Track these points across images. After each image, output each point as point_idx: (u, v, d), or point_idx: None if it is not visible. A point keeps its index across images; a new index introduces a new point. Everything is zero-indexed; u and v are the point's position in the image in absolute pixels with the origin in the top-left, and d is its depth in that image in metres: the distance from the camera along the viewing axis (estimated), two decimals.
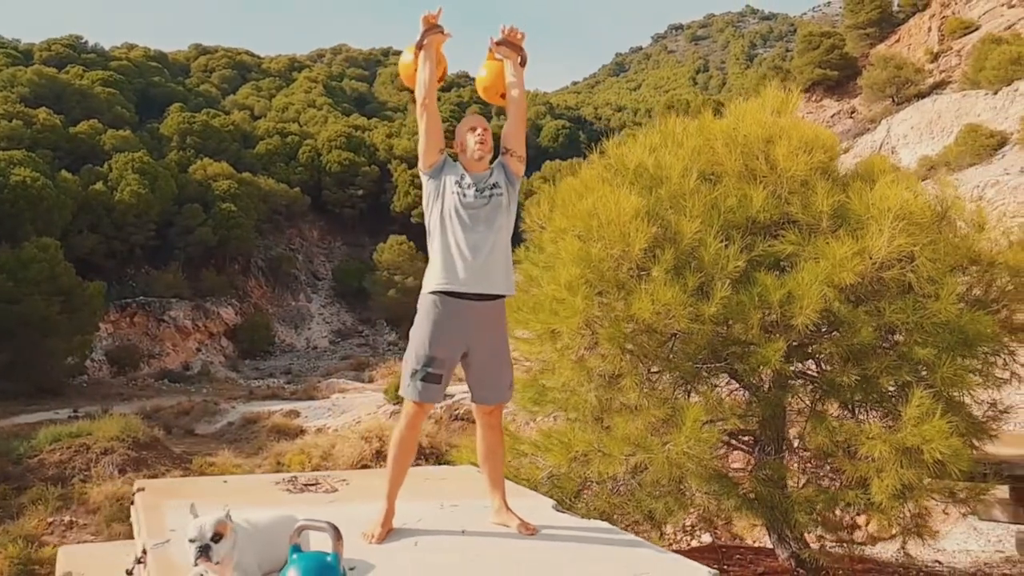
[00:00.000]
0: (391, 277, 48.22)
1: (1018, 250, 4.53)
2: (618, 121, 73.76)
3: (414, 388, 3.27)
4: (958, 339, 4.15)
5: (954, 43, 35.58)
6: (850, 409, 4.64)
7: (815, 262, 4.11)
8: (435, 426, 27.21)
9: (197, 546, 2.55)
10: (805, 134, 4.65)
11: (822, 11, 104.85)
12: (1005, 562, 6.23)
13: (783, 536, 4.87)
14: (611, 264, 4.26)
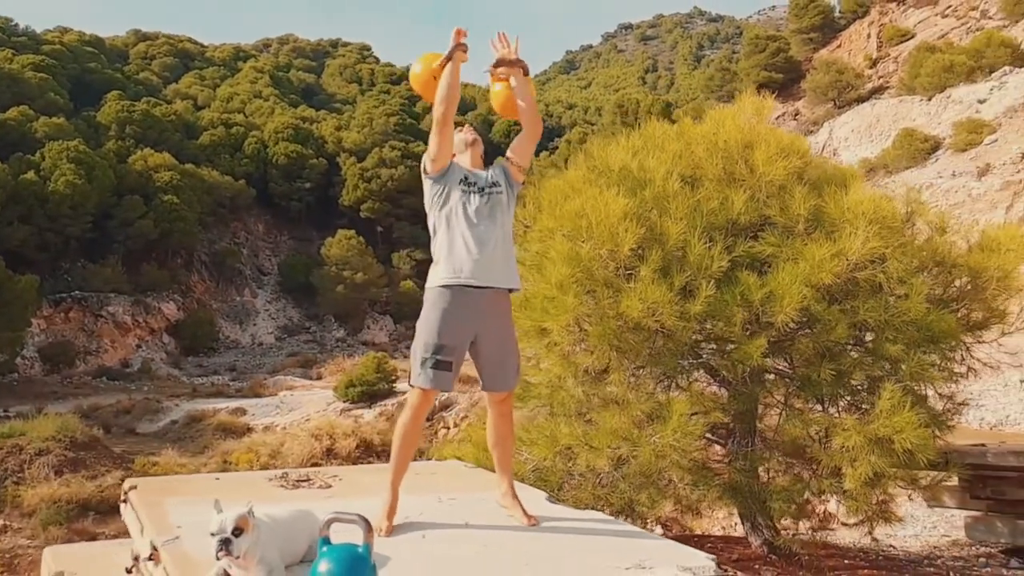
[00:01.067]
0: (339, 272, 47.71)
1: (977, 253, 4.84)
2: (569, 119, 74.22)
3: (425, 376, 3.34)
4: (924, 336, 4.43)
5: (891, 50, 36.91)
6: (821, 403, 4.89)
7: (794, 263, 4.32)
8: (387, 423, 27.12)
9: (219, 540, 2.60)
10: (782, 140, 4.88)
11: (767, 14, 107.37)
12: (953, 545, 6.62)
13: (756, 524, 5.10)
14: (600, 264, 4.41)
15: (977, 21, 35.43)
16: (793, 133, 5.20)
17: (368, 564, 2.55)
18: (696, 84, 65.88)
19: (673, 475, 4.66)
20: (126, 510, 3.81)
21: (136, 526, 3.52)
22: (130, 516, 3.69)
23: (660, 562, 3.04)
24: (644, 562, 3.04)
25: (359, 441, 24.62)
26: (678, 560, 3.08)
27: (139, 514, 3.51)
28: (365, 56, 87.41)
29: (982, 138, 27.05)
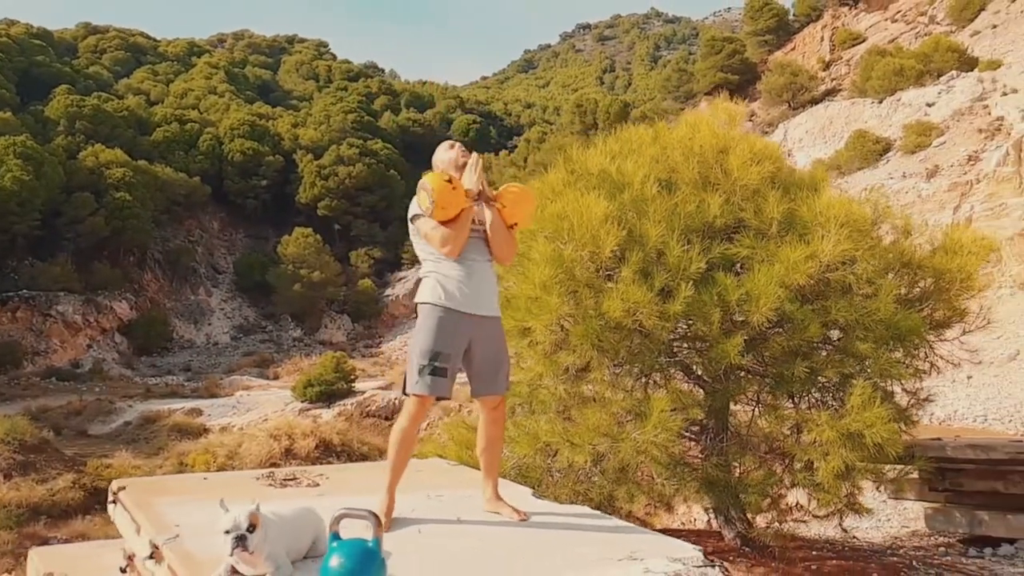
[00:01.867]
0: (296, 271, 47.12)
1: (940, 255, 5.06)
2: (528, 118, 74.43)
3: (423, 383, 3.43)
4: (892, 334, 4.62)
5: (844, 53, 37.80)
6: (792, 399, 5.07)
7: (769, 264, 4.48)
8: (346, 423, 26.96)
9: (233, 536, 2.64)
10: (755, 145, 5.04)
11: (723, 16, 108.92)
12: (912, 536, 6.88)
13: (729, 518, 5.26)
14: (582, 265, 4.51)
15: (925, 26, 36.52)
16: (755, 134, 5.36)
17: (378, 558, 2.62)
18: (653, 84, 66.59)
19: (653, 470, 4.79)
20: (116, 510, 3.80)
21: (130, 526, 3.52)
22: (122, 516, 3.68)
23: (650, 553, 3.16)
24: (635, 553, 3.15)
25: (318, 441, 24.42)
26: (667, 551, 3.20)
27: (133, 514, 3.51)
28: (322, 53, 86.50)
29: (931, 140, 27.90)
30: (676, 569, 3.00)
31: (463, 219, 3.42)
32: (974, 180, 26.66)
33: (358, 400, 29.16)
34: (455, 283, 3.47)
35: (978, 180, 26.57)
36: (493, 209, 3.52)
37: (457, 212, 3.40)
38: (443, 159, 3.69)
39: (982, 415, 15.57)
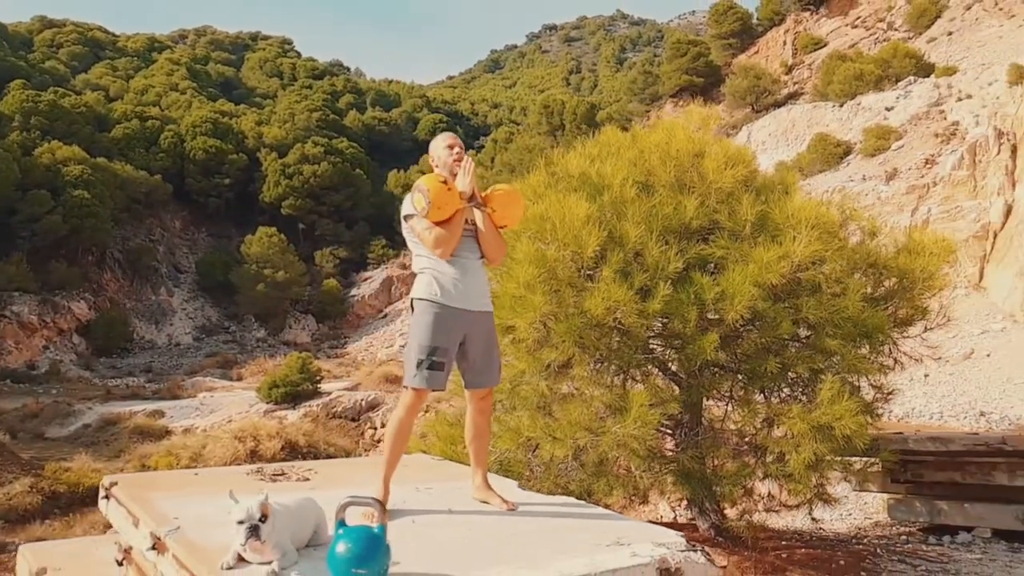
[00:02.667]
0: (260, 271, 46.67)
1: (904, 255, 5.30)
2: (495, 118, 74.62)
3: (421, 377, 3.55)
4: (860, 332, 4.84)
5: (806, 57, 38.55)
6: (764, 394, 5.27)
7: (744, 264, 4.66)
8: (312, 424, 26.81)
9: (247, 527, 2.74)
10: (729, 150, 5.23)
11: (687, 19, 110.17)
12: (875, 526, 7.15)
13: (704, 509, 5.44)
14: (564, 265, 4.65)
15: (884, 32, 37.43)
16: (725, 138, 5.56)
17: (384, 543, 2.73)
18: (619, 86, 67.14)
19: (631, 463, 4.95)
20: (110, 505, 3.85)
21: (126, 520, 3.58)
22: (116, 510, 3.73)
23: (636, 539, 3.31)
24: (621, 539, 3.30)
25: (284, 443, 24.29)
26: (651, 537, 3.35)
27: (130, 508, 3.57)
28: (286, 50, 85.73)
29: (890, 144, 28.59)
30: (661, 553, 3.15)
31: (456, 220, 3.53)
32: (931, 183, 27.42)
33: (324, 401, 29.01)
34: (450, 280, 3.58)
35: (935, 183, 27.34)
36: (484, 212, 3.63)
37: (451, 213, 3.51)
38: (440, 156, 3.75)
39: (938, 412, 16.10)
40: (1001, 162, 26.71)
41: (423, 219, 3.54)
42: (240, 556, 2.82)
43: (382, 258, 51.06)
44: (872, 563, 5.53)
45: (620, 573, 2.97)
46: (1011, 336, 21.46)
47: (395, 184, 55.60)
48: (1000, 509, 6.14)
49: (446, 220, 3.51)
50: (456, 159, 3.69)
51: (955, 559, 5.63)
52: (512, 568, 2.89)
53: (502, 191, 3.76)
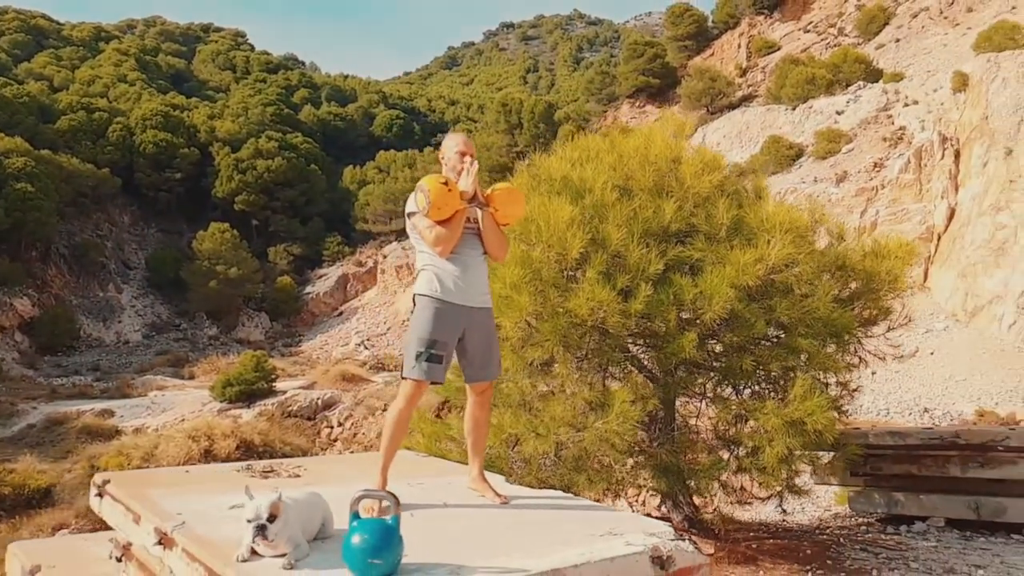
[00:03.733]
0: (212, 267, 45.80)
1: (871, 258, 5.56)
2: (452, 115, 74.35)
3: (420, 368, 3.65)
4: (829, 331, 5.08)
5: (760, 60, 39.32)
6: (736, 390, 5.48)
7: (721, 266, 4.86)
8: (268, 423, 26.51)
9: (255, 526, 2.81)
10: (705, 156, 5.43)
11: (643, 20, 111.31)
12: (835, 518, 7.46)
13: (677, 502, 5.64)
14: (549, 266, 4.79)
15: (835, 37, 38.43)
16: (712, 150, 5.76)
17: (398, 534, 2.83)
18: (576, 86, 67.59)
19: (611, 458, 5.11)
20: (104, 503, 3.87)
21: (125, 516, 3.60)
22: (113, 507, 3.75)
23: (628, 529, 3.46)
24: (614, 529, 3.44)
25: (239, 442, 23.98)
26: (642, 528, 3.51)
27: (129, 505, 3.60)
28: (239, 43, 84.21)
29: (840, 147, 29.39)
30: (654, 542, 3.30)
31: (457, 220, 3.63)
32: (879, 186, 28.29)
33: (279, 400, 28.69)
34: (450, 276, 3.69)
35: (883, 186, 28.22)
36: (486, 212, 3.74)
37: (451, 213, 3.61)
38: (449, 157, 3.85)
39: (885, 409, 16.69)
40: (945, 166, 27.69)
41: (424, 217, 3.64)
42: (254, 550, 2.89)
43: (337, 255, 50.60)
44: (836, 552, 5.79)
45: (618, 562, 3.12)
46: (953, 335, 22.29)
47: (351, 180, 55.12)
48: (953, 499, 6.48)
49: (446, 219, 3.62)
50: (460, 160, 3.79)
51: (912, 547, 5.93)
52: (517, 557, 3.01)
53: (503, 190, 3.87)
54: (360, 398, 27.04)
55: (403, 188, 49.79)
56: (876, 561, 5.51)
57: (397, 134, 64.74)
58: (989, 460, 6.16)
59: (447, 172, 3.84)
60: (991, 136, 25.67)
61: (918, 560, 5.53)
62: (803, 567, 5.29)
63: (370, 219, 50.53)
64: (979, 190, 25.81)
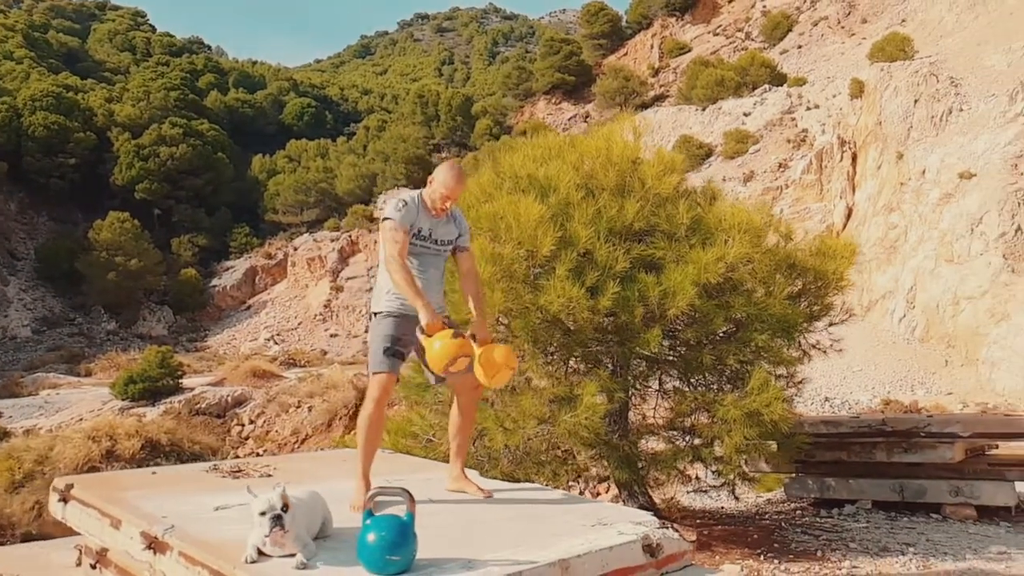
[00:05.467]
0: (111, 258, 43.66)
1: (817, 257, 5.89)
2: (365, 104, 73.07)
3: (387, 362, 3.74)
4: (781, 326, 5.35)
5: (671, 61, 40.42)
6: (689, 383, 5.71)
7: (683, 264, 5.05)
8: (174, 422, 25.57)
9: (270, 517, 2.79)
10: (664, 158, 5.62)
11: (558, 17, 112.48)
12: (768, 504, 7.84)
13: (633, 492, 5.82)
14: (520, 263, 4.87)
15: (743, 41, 39.93)
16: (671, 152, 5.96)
17: (413, 531, 2.85)
18: (492, 79, 67.65)
19: (576, 450, 5.24)
20: (70, 509, 3.71)
21: (99, 521, 3.47)
22: (83, 513, 3.61)
23: (615, 520, 3.58)
24: (603, 520, 3.56)
25: (144, 441, 23.08)
26: (628, 518, 3.64)
27: (106, 509, 3.47)
28: (139, 23, 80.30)
29: (747, 147, 30.55)
30: (642, 531, 3.44)
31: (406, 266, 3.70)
32: (783, 185, 29.60)
33: (187, 397, 27.72)
34: None
35: (787, 186, 29.53)
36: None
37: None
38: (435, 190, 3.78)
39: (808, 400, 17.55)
40: (844, 168, 29.24)
41: (396, 230, 3.67)
42: (260, 551, 2.86)
43: (245, 247, 49.15)
44: (780, 535, 6.12)
45: (615, 551, 3.23)
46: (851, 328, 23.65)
47: (260, 169, 53.56)
48: (879, 483, 6.93)
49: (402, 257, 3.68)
50: (443, 207, 3.77)
51: (846, 528, 6.32)
52: (522, 550, 3.08)
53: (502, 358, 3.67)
54: (272, 395, 26.45)
55: (315, 178, 48.82)
56: (818, 543, 5.85)
57: (308, 123, 63.23)
58: (912, 446, 6.63)
59: (427, 196, 3.83)
60: (884, 140, 27.27)
61: (855, 540, 5.91)
62: (753, 551, 5.57)
63: (280, 210, 49.30)
64: (873, 191, 27.40)
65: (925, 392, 19.48)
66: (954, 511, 6.65)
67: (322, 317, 43.95)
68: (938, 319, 21.63)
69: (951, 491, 6.66)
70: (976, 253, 21.37)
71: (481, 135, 43.86)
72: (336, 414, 23.72)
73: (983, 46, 27.66)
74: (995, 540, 5.97)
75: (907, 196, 25.12)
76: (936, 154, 24.26)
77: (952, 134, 24.50)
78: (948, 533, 6.12)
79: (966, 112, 24.85)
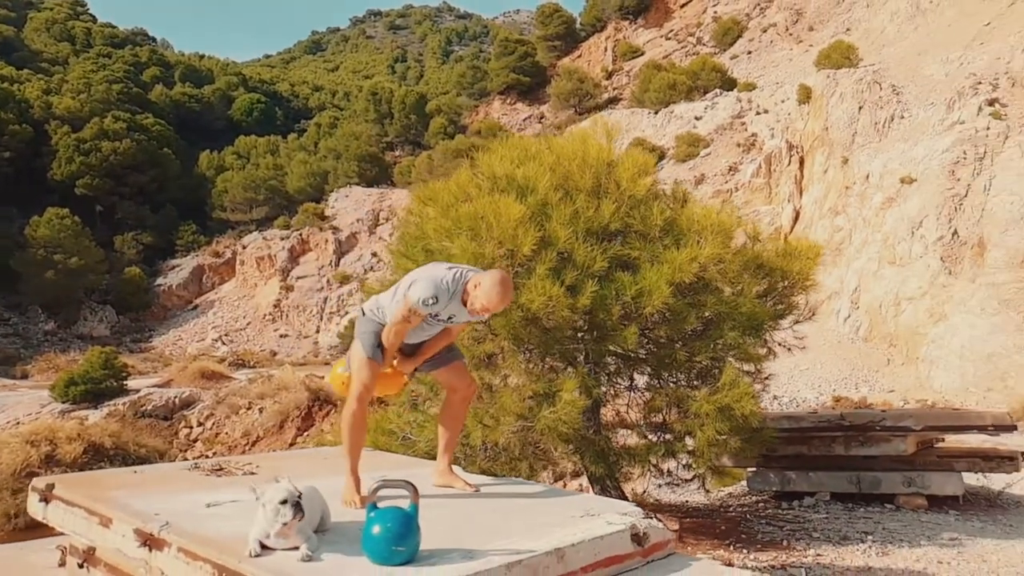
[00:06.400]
0: (49, 256, 42.28)
1: (784, 258, 6.11)
2: (317, 101, 72.14)
3: (379, 352, 3.78)
4: (751, 324, 5.54)
5: (625, 64, 40.91)
6: (660, 381, 5.86)
7: (659, 264, 5.20)
8: (119, 425, 24.95)
9: (291, 504, 2.84)
10: (637, 160, 5.76)
11: (512, 17, 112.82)
12: (730, 497, 8.08)
13: (605, 486, 5.95)
14: (501, 263, 4.95)
15: (694, 46, 40.65)
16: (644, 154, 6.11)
17: (416, 522, 2.91)
18: (446, 78, 67.47)
19: (555, 446, 5.34)
20: (53, 508, 3.66)
21: (87, 520, 3.45)
22: (68, 512, 3.57)
23: (602, 511, 3.69)
24: (590, 511, 3.67)
25: (87, 445, 22.45)
26: (614, 508, 3.76)
27: (94, 508, 3.44)
28: (79, 12, 77.85)
29: (699, 151, 31.11)
30: (629, 520, 3.55)
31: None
32: (733, 188, 30.23)
33: (132, 399, 27.05)
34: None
35: (736, 189, 30.18)
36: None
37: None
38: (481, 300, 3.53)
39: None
40: (791, 172, 30.01)
41: (405, 318, 3.62)
42: (263, 544, 2.88)
43: (192, 245, 48.12)
44: (746, 526, 6.33)
45: (606, 540, 3.34)
46: (798, 328, 24.30)
47: (207, 166, 52.48)
48: (837, 476, 7.21)
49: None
50: (482, 319, 3.83)
51: (808, 519, 6.57)
52: (518, 540, 3.16)
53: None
54: (222, 396, 26.03)
55: (264, 175, 48.09)
56: (782, 533, 6.07)
57: (258, 119, 62.23)
58: (868, 439, 6.91)
59: (469, 294, 3.57)
60: (830, 145, 28.08)
61: (817, 530, 6.15)
62: (723, 542, 5.76)
63: (228, 207, 48.39)
64: (820, 194, 28.19)
65: (868, 390, 20.15)
66: (906, 501, 6.96)
67: (271, 317, 43.32)
68: (881, 319, 22.37)
69: (904, 482, 6.97)
70: (916, 255, 22.17)
71: (435, 134, 43.78)
72: (288, 416, 23.43)
73: (923, 56, 28.69)
74: (945, 527, 6.28)
75: (852, 200, 25.91)
76: (879, 159, 25.08)
77: (894, 140, 25.37)
78: (902, 522, 6.41)
79: (907, 119, 25.75)
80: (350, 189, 44.15)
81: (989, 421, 6.99)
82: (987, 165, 21.43)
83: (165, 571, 3.06)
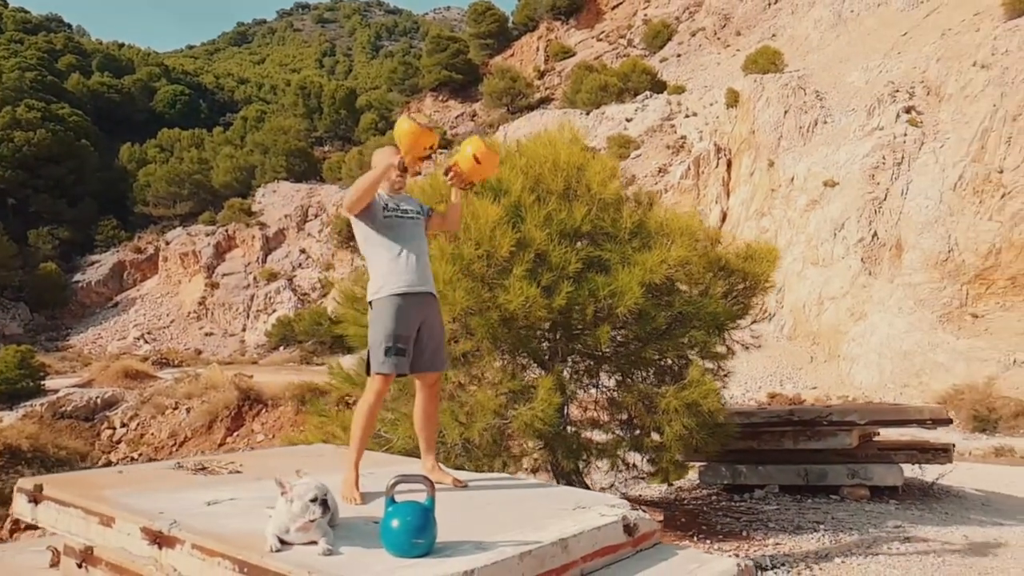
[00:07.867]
0: None
1: (745, 260, 6.38)
2: (243, 94, 70.34)
3: (389, 363, 3.80)
4: (715, 323, 5.79)
5: (556, 64, 41.32)
6: (630, 378, 6.06)
7: (630, 266, 5.38)
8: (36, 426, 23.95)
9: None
10: (606, 164, 5.94)
11: (443, 14, 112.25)
12: (682, 491, 8.36)
13: (571, 481, 6.11)
14: (479, 263, 5.04)
15: (625, 48, 41.37)
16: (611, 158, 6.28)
17: (433, 515, 2.99)
18: (376, 73, 66.73)
19: (529, 441, 5.47)
20: (43, 508, 3.59)
21: (85, 520, 3.40)
22: (61, 512, 3.51)
23: (591, 504, 3.84)
24: (580, 503, 3.81)
25: (1, 447, 21.56)
26: (603, 501, 3.91)
27: (90, 507, 3.40)
28: None
29: (629, 152, 31.70)
30: (620, 512, 3.72)
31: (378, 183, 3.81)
32: (663, 190, 30.91)
33: (50, 400, 26.02)
34: (404, 268, 3.86)
35: (666, 190, 30.87)
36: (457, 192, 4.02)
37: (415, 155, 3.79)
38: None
39: None
40: (719, 174, 30.91)
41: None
42: (282, 540, 2.92)
43: (112, 240, 46.42)
44: (704, 518, 6.58)
45: (603, 530, 3.49)
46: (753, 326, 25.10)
47: (128, 159, 50.66)
48: (786, 468, 7.57)
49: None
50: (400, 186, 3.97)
51: (761, 510, 6.88)
52: (528, 531, 3.27)
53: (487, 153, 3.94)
54: (146, 396, 25.29)
55: (189, 169, 46.72)
56: (739, 524, 6.35)
57: (181, 111, 60.37)
58: (815, 433, 7.28)
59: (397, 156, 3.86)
60: (757, 149, 29.04)
61: (771, 521, 6.45)
62: (686, 533, 5.99)
63: (151, 202, 46.86)
64: (747, 196, 29.13)
65: (792, 387, 20.97)
66: (850, 492, 7.36)
67: (196, 315, 42.16)
68: (804, 318, 23.29)
69: (848, 474, 7.38)
70: (838, 256, 23.18)
71: (366, 130, 43.33)
72: (217, 416, 22.90)
73: (845, 63, 29.95)
74: (888, 516, 6.68)
75: (777, 202, 26.86)
76: (804, 163, 26.07)
77: (818, 144, 26.42)
78: (849, 511, 6.78)
79: (830, 124, 26.84)
80: (278, 184, 43.31)
81: (928, 415, 7.46)
82: (904, 170, 22.56)
83: (178, 568, 3.06)
